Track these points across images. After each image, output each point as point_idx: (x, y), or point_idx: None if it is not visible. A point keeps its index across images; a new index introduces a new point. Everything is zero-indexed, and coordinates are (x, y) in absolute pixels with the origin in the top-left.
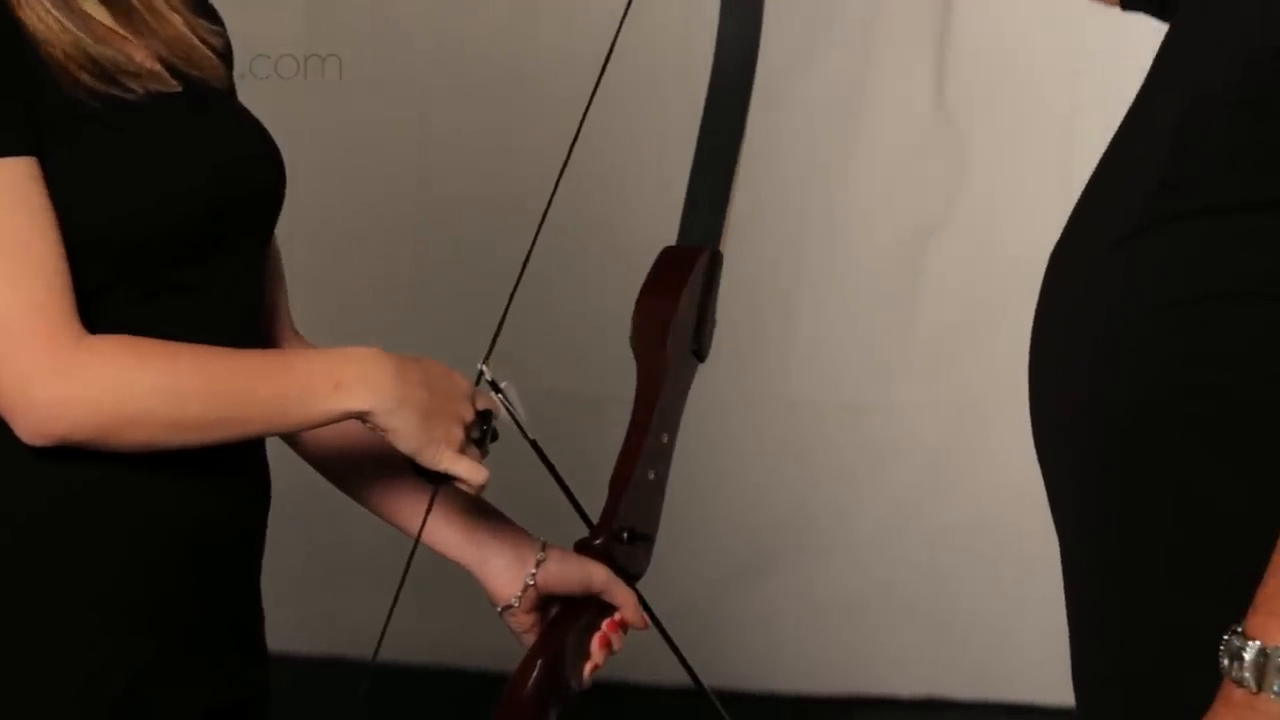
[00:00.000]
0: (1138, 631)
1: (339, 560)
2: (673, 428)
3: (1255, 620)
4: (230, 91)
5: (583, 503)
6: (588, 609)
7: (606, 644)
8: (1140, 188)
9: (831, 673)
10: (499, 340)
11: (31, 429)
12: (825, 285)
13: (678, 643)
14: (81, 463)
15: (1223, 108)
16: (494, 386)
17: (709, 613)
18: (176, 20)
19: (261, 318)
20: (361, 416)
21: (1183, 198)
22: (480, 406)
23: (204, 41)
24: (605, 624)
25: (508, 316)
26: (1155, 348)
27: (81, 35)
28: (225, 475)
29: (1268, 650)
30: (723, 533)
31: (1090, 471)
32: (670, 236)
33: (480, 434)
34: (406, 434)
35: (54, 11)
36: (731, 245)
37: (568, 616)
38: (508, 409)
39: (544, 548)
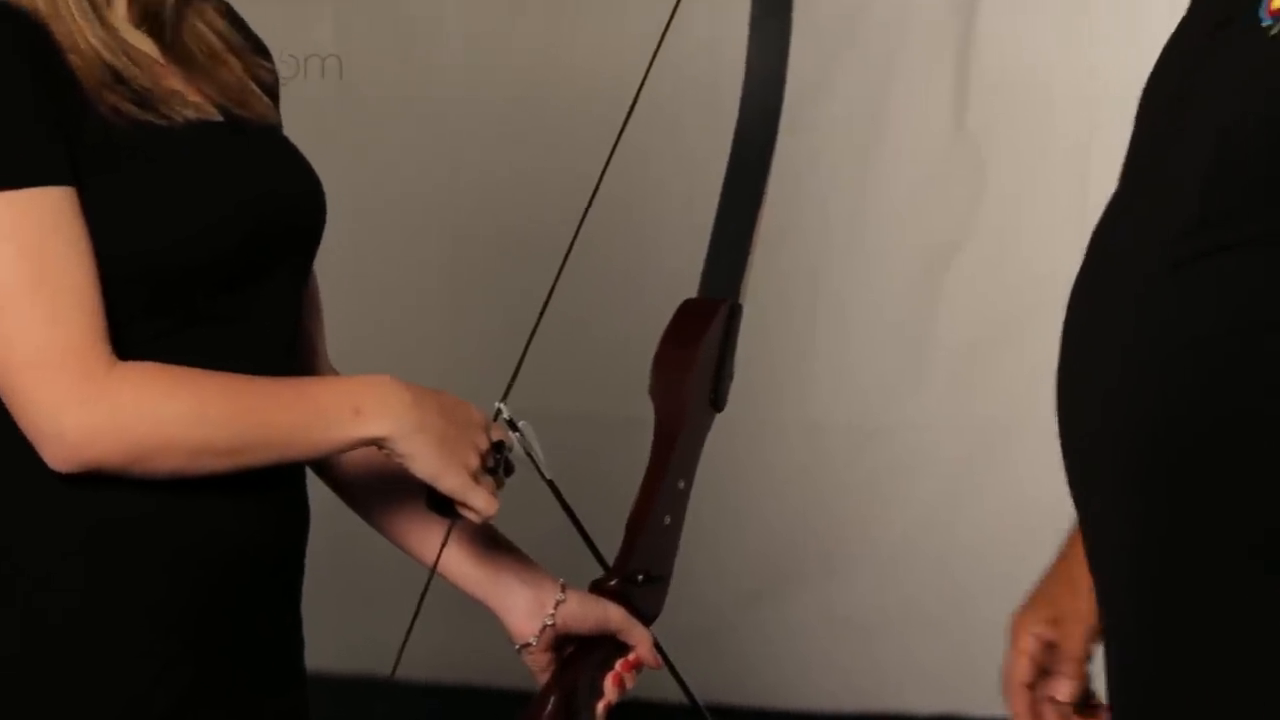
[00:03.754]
0: (1192, 659)
1: (373, 579)
2: (689, 474)
3: None
4: (277, 125)
5: (600, 527)
6: (602, 647)
7: (620, 682)
8: (1176, 221)
9: (852, 690)
10: (526, 366)
11: (61, 456)
12: (846, 305)
13: (703, 658)
14: (120, 490)
15: (1255, 142)
16: (511, 425)
17: (732, 630)
18: (235, 64)
19: (298, 350)
20: (380, 442)
21: (1221, 231)
22: (495, 437)
23: (257, 81)
24: (619, 664)
25: (535, 341)
26: (1207, 378)
27: (119, 61)
28: (264, 501)
29: None
30: (746, 551)
31: (1140, 501)
32: (691, 266)
33: (495, 464)
34: (424, 459)
35: (92, 40)
36: (754, 266)
37: (582, 654)
38: (525, 449)
39: (563, 589)
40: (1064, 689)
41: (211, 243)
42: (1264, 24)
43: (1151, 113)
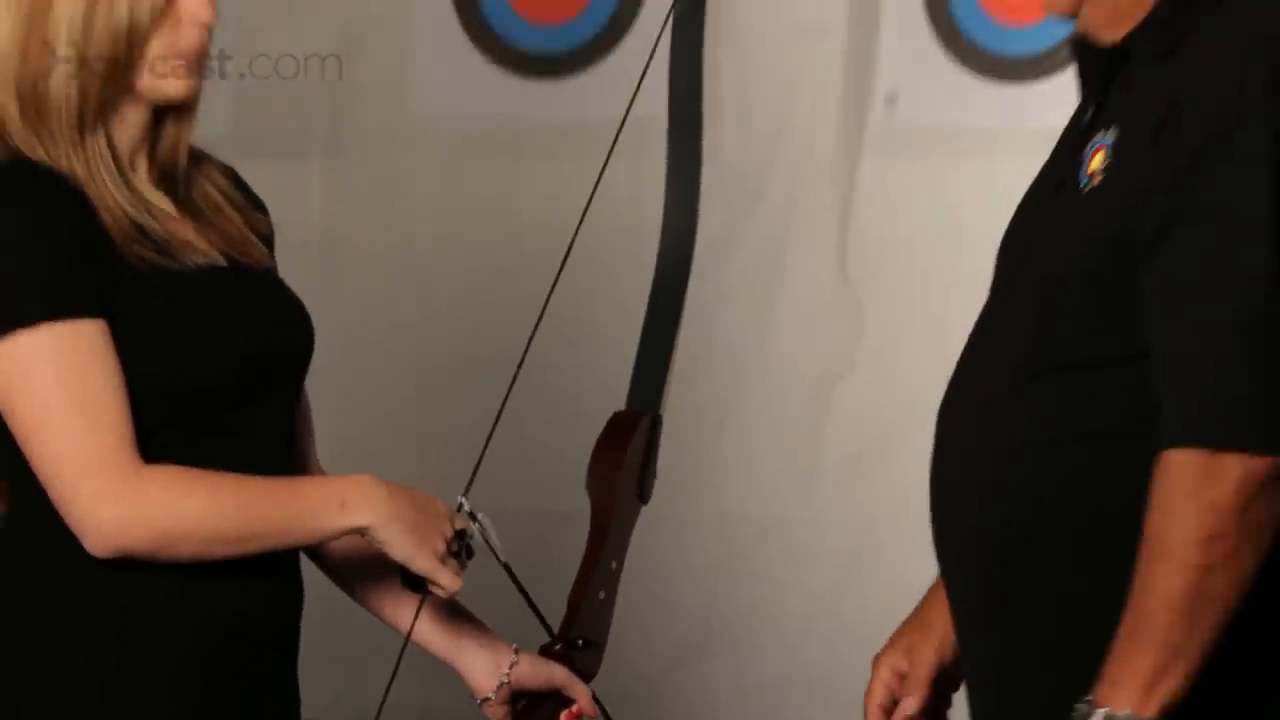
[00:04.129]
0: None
1: (357, 645)
2: (620, 556)
3: (1101, 690)
4: (272, 269)
5: (549, 603)
6: (549, 701)
7: None
8: (1013, 351)
9: None
10: (483, 468)
11: (99, 545)
12: (750, 420)
13: (632, 714)
14: (149, 573)
15: (1072, 285)
16: (472, 517)
17: (657, 694)
18: (236, 217)
19: (292, 455)
20: (362, 530)
21: (1045, 359)
22: (458, 526)
23: (255, 232)
24: (564, 715)
25: (490, 447)
26: (1034, 481)
27: (142, 217)
28: (267, 581)
29: (1112, 715)
30: (667, 625)
31: (988, 587)
32: (619, 385)
33: (458, 549)
34: (399, 544)
35: (120, 200)
36: (673, 391)
37: (533, 707)
38: (484, 537)
39: (516, 652)
40: (909, 705)
41: (219, 369)
42: (1080, 185)
43: (1005, 257)
